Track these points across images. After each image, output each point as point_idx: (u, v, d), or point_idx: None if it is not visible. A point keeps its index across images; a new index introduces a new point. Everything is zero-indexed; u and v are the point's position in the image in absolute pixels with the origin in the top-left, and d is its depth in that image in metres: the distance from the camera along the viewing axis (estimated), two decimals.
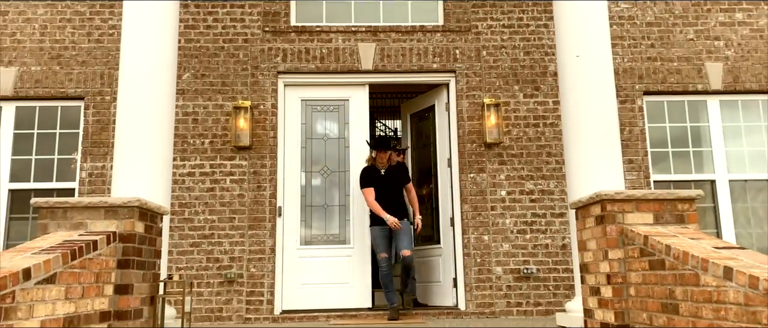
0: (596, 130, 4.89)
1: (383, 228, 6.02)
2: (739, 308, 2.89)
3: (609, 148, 4.85)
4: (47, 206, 3.88)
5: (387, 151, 6.17)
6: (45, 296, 3.11)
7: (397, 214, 6.02)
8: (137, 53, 5.01)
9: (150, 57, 5.02)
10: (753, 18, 6.98)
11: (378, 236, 6.05)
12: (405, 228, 6.01)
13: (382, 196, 6.05)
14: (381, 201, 6.02)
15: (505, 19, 6.89)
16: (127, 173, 4.81)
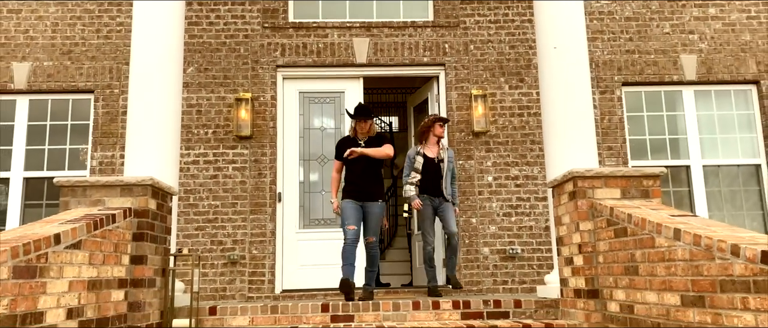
0: (572, 116, 5.26)
1: (354, 202, 5.49)
2: (685, 264, 3.27)
3: (583, 133, 5.22)
4: (69, 184, 4.24)
5: (368, 120, 5.63)
6: (72, 259, 3.48)
7: (371, 191, 5.52)
8: (147, 48, 5.37)
9: (158, 52, 5.37)
10: (725, 13, 7.37)
11: (348, 208, 5.47)
12: (376, 213, 5.52)
13: (357, 170, 5.54)
14: (355, 174, 5.54)
15: (491, 15, 7.27)
16: (137, 160, 5.17)
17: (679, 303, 3.34)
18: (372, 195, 5.51)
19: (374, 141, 5.64)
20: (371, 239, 5.53)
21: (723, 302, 3.01)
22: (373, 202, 5.52)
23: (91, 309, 3.66)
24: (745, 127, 7.24)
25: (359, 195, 5.48)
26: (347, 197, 5.55)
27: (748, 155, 7.17)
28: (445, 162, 5.89)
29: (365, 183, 5.51)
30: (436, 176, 5.86)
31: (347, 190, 5.58)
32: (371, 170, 5.56)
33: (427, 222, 5.85)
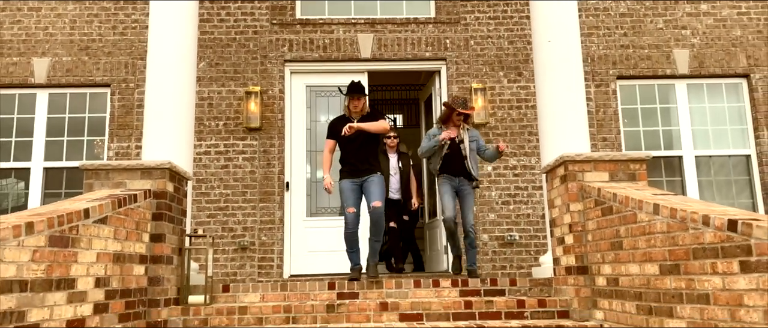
0: (565, 105, 5.53)
1: (352, 182, 5.40)
2: (663, 236, 3.55)
3: (576, 121, 5.49)
4: (93, 167, 4.55)
5: (362, 97, 5.50)
6: (99, 233, 3.78)
7: (369, 166, 5.41)
8: (163, 45, 5.67)
9: (174, 48, 5.67)
10: (716, 9, 7.62)
11: (346, 189, 5.39)
12: (376, 181, 5.35)
13: (352, 148, 5.43)
14: (350, 153, 5.44)
15: (490, 12, 7.55)
16: (154, 150, 5.47)
17: (657, 272, 3.61)
18: (370, 169, 5.38)
19: (368, 118, 5.48)
20: (377, 203, 5.24)
21: (695, 269, 3.29)
22: (371, 175, 5.36)
23: (116, 280, 3.96)
24: (736, 119, 7.48)
25: (357, 172, 5.36)
26: (345, 176, 5.42)
27: (739, 146, 7.42)
28: (465, 142, 5.75)
29: (362, 160, 5.37)
30: (456, 156, 5.72)
31: (344, 170, 5.45)
32: (368, 147, 5.43)
33: (447, 196, 5.70)
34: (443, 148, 5.71)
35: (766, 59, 7.47)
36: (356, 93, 5.48)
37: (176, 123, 5.55)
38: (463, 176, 5.77)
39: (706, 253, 3.21)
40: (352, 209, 5.33)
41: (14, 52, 7.31)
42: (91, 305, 3.67)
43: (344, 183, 5.42)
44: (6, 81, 7.23)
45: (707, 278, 3.20)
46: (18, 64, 7.28)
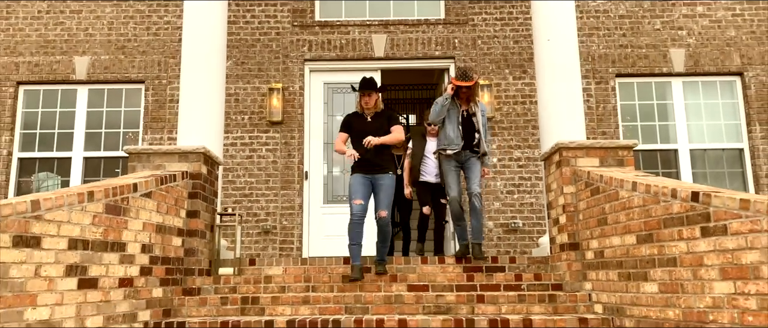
0: (563, 98, 5.97)
1: (363, 176, 5.24)
2: (640, 209, 3.99)
3: (573, 113, 5.92)
4: (136, 151, 5.09)
5: (373, 94, 5.37)
6: (145, 205, 4.30)
7: (382, 164, 5.27)
8: (196, 45, 6.20)
9: (205, 47, 6.20)
10: (712, 10, 8.00)
11: (356, 182, 5.23)
12: (387, 185, 5.23)
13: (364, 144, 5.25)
14: (366, 153, 5.25)
15: (497, 13, 8.00)
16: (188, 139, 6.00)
17: (635, 242, 4.05)
18: (382, 167, 5.25)
19: (380, 117, 5.40)
20: (383, 213, 5.15)
21: (665, 236, 3.73)
22: (384, 174, 5.24)
23: (158, 248, 4.48)
24: (730, 115, 7.85)
25: (369, 169, 5.23)
26: (356, 171, 5.28)
27: (733, 140, 7.79)
28: (477, 116, 5.58)
29: (375, 157, 5.23)
30: (467, 129, 5.54)
31: (356, 165, 5.28)
32: (380, 145, 5.27)
33: (451, 175, 5.55)
34: (455, 116, 5.51)
35: (759, 58, 7.83)
36: (368, 89, 5.36)
37: (208, 116, 6.08)
38: (469, 150, 5.58)
39: (674, 222, 3.65)
40: (359, 201, 5.13)
41: (57, 50, 7.90)
42: (138, 268, 4.19)
43: (356, 177, 5.25)
44: (50, 78, 7.83)
45: (675, 243, 3.64)
46: (61, 62, 7.87)
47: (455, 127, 5.54)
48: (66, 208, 3.48)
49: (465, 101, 5.60)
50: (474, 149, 5.59)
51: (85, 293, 3.63)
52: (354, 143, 5.39)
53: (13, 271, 3.13)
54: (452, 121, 5.57)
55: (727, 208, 3.29)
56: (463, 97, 5.56)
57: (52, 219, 3.37)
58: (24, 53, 7.90)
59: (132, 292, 4.10)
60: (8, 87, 7.76)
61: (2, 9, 8.00)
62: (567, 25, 6.16)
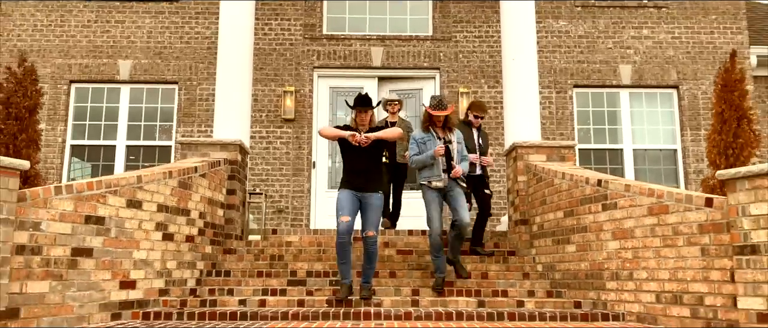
0: (523, 106, 7.32)
1: (352, 193, 5.04)
2: (566, 192, 5.40)
3: (530, 118, 7.27)
4: (187, 142, 6.43)
5: (369, 110, 5.16)
6: (201, 183, 5.66)
7: (372, 182, 5.07)
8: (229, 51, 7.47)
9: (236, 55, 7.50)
10: (655, 33, 9.42)
11: (343, 199, 5.01)
12: (375, 205, 5.04)
13: (359, 161, 5.07)
14: (357, 165, 5.08)
15: (476, 31, 9.38)
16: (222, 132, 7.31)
17: (562, 216, 5.46)
18: (372, 186, 5.07)
19: (375, 132, 5.14)
20: (371, 232, 4.97)
21: (581, 211, 5.14)
22: (373, 193, 5.05)
23: (209, 216, 5.85)
24: (667, 121, 9.29)
25: (358, 186, 5.04)
26: (344, 187, 5.08)
27: (668, 142, 9.22)
28: (454, 144, 5.45)
29: (366, 173, 5.06)
30: (447, 158, 5.38)
31: (345, 180, 5.11)
32: (373, 161, 5.12)
33: (433, 206, 5.32)
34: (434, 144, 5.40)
35: (692, 74, 9.27)
36: (363, 106, 5.13)
37: (238, 113, 7.36)
38: (453, 180, 5.40)
39: (587, 200, 5.07)
40: (346, 218, 4.90)
41: (104, 54, 9.20)
42: (197, 229, 5.56)
43: (344, 193, 5.05)
44: (97, 78, 9.13)
45: (586, 216, 5.06)
46: (107, 64, 9.18)
47: (437, 158, 5.35)
48: (156, 182, 4.84)
49: (442, 129, 5.50)
50: (456, 179, 5.40)
51: (166, 244, 4.99)
52: (346, 158, 5.17)
53: (126, 224, 4.49)
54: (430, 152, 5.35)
55: (617, 190, 4.71)
56: (439, 125, 5.47)
57: (148, 189, 4.74)
58: (76, 56, 9.19)
59: (193, 246, 5.47)
60: (63, 85, 9.06)
61: (57, 19, 9.29)
62: (528, 48, 7.52)
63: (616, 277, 4.69)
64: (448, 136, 5.50)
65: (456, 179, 5.40)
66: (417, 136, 5.54)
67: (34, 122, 5.33)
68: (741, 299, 3.66)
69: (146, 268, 4.71)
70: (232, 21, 7.49)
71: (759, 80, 9.68)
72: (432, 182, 5.38)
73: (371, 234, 4.98)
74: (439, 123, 5.50)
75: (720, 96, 5.63)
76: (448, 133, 5.52)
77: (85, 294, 4.11)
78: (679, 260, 4.13)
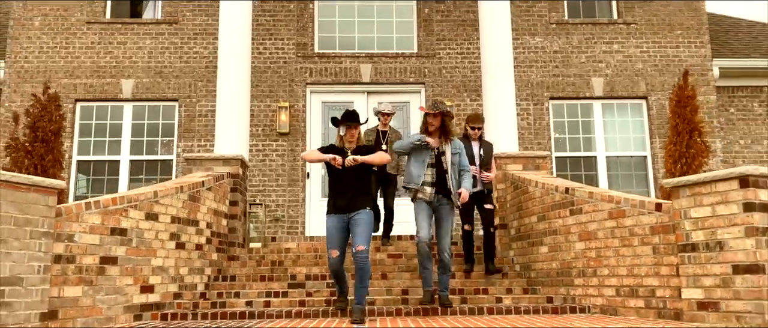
0: (502, 119, 7.89)
1: (339, 218, 4.87)
2: (539, 199, 5.97)
3: (508, 130, 7.84)
4: (193, 158, 6.93)
5: (358, 126, 5.00)
6: (208, 196, 6.16)
7: (361, 202, 4.86)
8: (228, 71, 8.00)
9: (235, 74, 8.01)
10: (625, 48, 10.05)
11: (332, 227, 4.87)
12: (364, 220, 4.82)
13: (345, 180, 4.88)
14: (343, 187, 4.89)
15: (458, 49, 9.96)
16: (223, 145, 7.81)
17: (536, 221, 6.03)
18: (361, 204, 4.87)
19: (362, 151, 5.00)
20: (360, 246, 4.72)
21: (552, 216, 5.70)
22: (361, 210, 4.84)
23: (215, 226, 6.34)
24: (638, 130, 9.91)
25: (344, 208, 4.87)
26: (332, 211, 4.90)
27: (639, 150, 9.84)
28: (446, 154, 5.20)
29: (354, 194, 4.87)
30: (437, 170, 5.16)
31: (333, 203, 4.92)
32: (361, 180, 4.92)
33: (422, 214, 5.11)
34: (424, 155, 5.16)
35: (659, 86, 9.90)
36: (352, 121, 4.96)
37: (238, 129, 7.87)
38: (442, 194, 5.18)
39: (557, 206, 5.63)
40: (335, 252, 4.83)
41: (108, 74, 9.67)
42: (205, 238, 6.05)
43: (331, 220, 4.89)
44: (101, 96, 9.59)
45: (556, 220, 5.62)
46: (110, 83, 9.64)
47: (420, 164, 5.18)
48: (169, 196, 5.34)
49: (439, 138, 5.26)
50: (447, 194, 5.19)
51: (179, 252, 5.49)
52: (331, 179, 5.00)
53: (145, 234, 4.99)
54: (418, 158, 5.20)
55: (582, 197, 5.28)
56: (430, 129, 5.23)
57: (163, 203, 5.24)
58: (80, 76, 9.65)
59: (201, 254, 5.96)
60: (68, 103, 9.51)
61: (62, 41, 9.74)
62: (506, 65, 8.11)
63: (583, 274, 5.25)
64: (441, 146, 5.24)
65: (448, 195, 5.18)
66: (413, 137, 5.26)
67: (58, 144, 5.80)
68: (684, 290, 4.23)
69: (162, 274, 5.20)
70: (230, 42, 8.00)
71: (722, 90, 10.34)
72: (418, 194, 5.16)
73: (361, 248, 4.72)
74: (432, 127, 5.23)
75: (674, 111, 6.24)
76: (444, 142, 5.25)
77: (111, 298, 4.60)
78: (635, 258, 4.70)
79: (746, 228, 3.79)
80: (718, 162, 9.66)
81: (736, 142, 10.30)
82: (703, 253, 4.09)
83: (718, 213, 3.98)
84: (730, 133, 10.30)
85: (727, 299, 3.91)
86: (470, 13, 9.96)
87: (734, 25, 12.14)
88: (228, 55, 8.01)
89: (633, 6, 10.22)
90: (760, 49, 10.80)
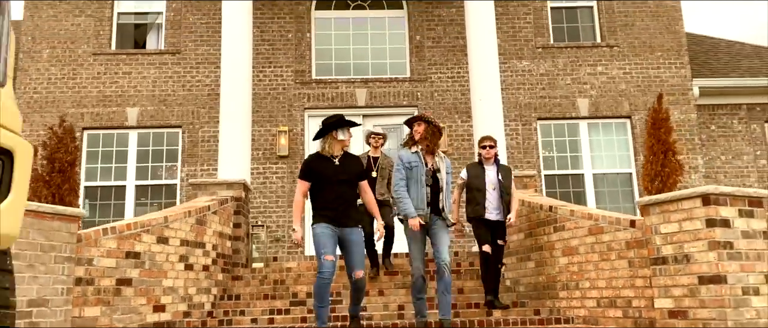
0: None
1: (331, 229, 4.63)
2: (526, 217, 6.31)
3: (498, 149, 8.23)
4: (198, 183, 7.27)
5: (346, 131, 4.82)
6: (214, 219, 6.50)
7: (350, 216, 4.68)
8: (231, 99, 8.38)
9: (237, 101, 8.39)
10: (609, 70, 10.48)
11: (322, 235, 4.59)
12: (357, 241, 4.65)
13: (333, 192, 4.66)
14: (330, 198, 4.66)
15: (449, 73, 10.37)
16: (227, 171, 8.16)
17: (523, 237, 6.37)
18: (351, 220, 4.67)
19: (349, 160, 4.84)
20: (359, 273, 4.60)
21: (538, 233, 6.05)
22: (353, 228, 4.66)
23: (220, 247, 6.67)
24: (623, 148, 10.30)
25: (336, 220, 4.63)
26: (322, 220, 4.64)
27: (624, 167, 10.22)
28: (442, 172, 5.06)
29: (343, 208, 4.64)
30: (433, 189, 5.00)
31: (323, 214, 4.68)
32: (349, 193, 4.73)
33: (417, 245, 4.91)
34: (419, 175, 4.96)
35: (642, 105, 10.31)
36: (346, 125, 4.82)
37: (240, 154, 8.25)
38: (435, 213, 5.02)
39: (542, 223, 5.98)
40: (330, 257, 4.50)
41: (113, 103, 10.04)
42: (211, 259, 6.38)
43: (321, 228, 4.61)
44: (107, 124, 9.95)
45: (542, 236, 5.97)
46: (116, 112, 10.01)
47: (419, 187, 4.96)
48: (179, 221, 5.68)
49: (429, 154, 5.10)
50: (441, 213, 5.05)
51: (188, 273, 5.81)
52: (316, 192, 4.77)
53: (157, 257, 5.32)
54: (416, 180, 4.97)
55: (565, 215, 5.63)
56: (418, 137, 5.05)
57: (173, 227, 5.58)
58: (87, 105, 10.02)
59: (208, 274, 6.29)
60: (76, 131, 9.84)
61: (70, 72, 10.13)
62: (494, 89, 8.52)
63: (566, 287, 5.59)
64: (435, 163, 5.08)
65: (440, 214, 5.04)
66: (404, 158, 5.03)
67: (74, 174, 6.15)
68: (657, 300, 4.57)
69: (173, 294, 5.52)
70: (232, 71, 8.41)
71: (703, 108, 10.75)
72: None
73: (361, 275, 4.60)
74: (418, 135, 5.06)
75: (650, 132, 6.63)
76: (434, 159, 5.09)
77: (127, 317, 4.92)
78: (613, 271, 5.05)
79: (709, 242, 4.15)
80: (700, 177, 10.05)
81: (718, 158, 10.69)
82: (673, 265, 4.44)
83: (685, 229, 4.34)
84: (712, 150, 10.70)
85: (694, 307, 4.25)
86: (459, 39, 10.38)
87: (714, 46, 12.60)
88: (230, 84, 8.41)
89: (615, 30, 10.67)
90: (739, 69, 11.25)
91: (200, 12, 10.44)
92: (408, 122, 5.21)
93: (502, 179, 5.87)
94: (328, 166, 4.73)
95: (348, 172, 4.75)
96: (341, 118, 4.82)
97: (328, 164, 4.75)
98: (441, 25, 10.55)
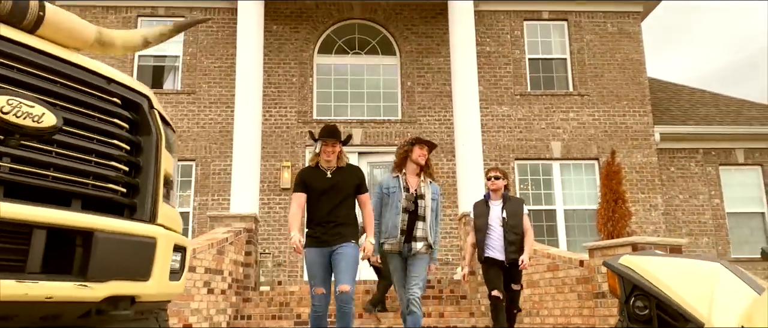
0: (471, 177, 9.32)
1: (320, 252, 4.36)
2: None
3: (477, 187, 9.27)
4: (215, 216, 8.23)
5: (337, 143, 4.43)
6: (230, 249, 7.45)
7: (344, 232, 4.33)
8: (243, 136, 9.38)
9: (248, 138, 9.39)
10: (579, 115, 11.59)
11: (313, 263, 4.36)
12: (349, 254, 4.26)
13: (325, 204, 4.38)
14: (324, 212, 4.38)
15: (436, 116, 11.43)
16: (238, 202, 9.13)
17: None
18: (342, 236, 4.32)
19: (344, 173, 4.49)
20: (345, 286, 4.14)
21: None
22: (345, 242, 4.30)
23: (235, 273, 7.61)
24: (591, 186, 11.36)
25: (324, 240, 4.36)
26: (312, 243, 4.39)
27: (592, 204, 11.27)
28: (426, 198, 4.66)
29: (332, 223, 4.35)
30: (411, 215, 4.61)
31: (312, 234, 4.43)
32: (343, 207, 4.39)
33: (397, 277, 4.64)
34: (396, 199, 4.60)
35: (608, 148, 11.39)
36: (331, 137, 4.39)
37: (250, 187, 9.24)
38: (408, 241, 4.60)
39: None
40: (321, 290, 4.27)
41: None
42: (227, 284, 7.32)
43: (311, 254, 4.38)
44: None
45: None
46: None
47: (394, 213, 4.59)
48: (204, 252, 6.64)
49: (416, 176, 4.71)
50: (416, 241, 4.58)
51: (209, 296, 6.76)
52: (311, 205, 4.49)
53: (186, 283, 6.27)
54: (393, 206, 4.63)
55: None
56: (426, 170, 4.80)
57: (199, 257, 6.53)
58: None
59: (225, 297, 7.22)
60: None
61: None
62: (474, 131, 9.59)
63: (530, 314, 6.58)
64: (419, 188, 4.69)
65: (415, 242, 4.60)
66: (384, 184, 4.80)
67: None
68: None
69: (198, 315, 6.46)
70: (244, 113, 9.42)
71: (663, 152, 11.87)
72: (385, 244, 4.64)
73: (346, 289, 4.10)
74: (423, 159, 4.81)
75: (604, 183, 7.68)
76: (420, 183, 4.72)
77: None
78: (566, 302, 6.05)
79: None
80: (660, 215, 11.13)
81: (677, 197, 11.78)
82: (609, 299, 5.45)
83: None
84: (671, 189, 11.79)
85: None
86: (446, 85, 11.47)
87: (677, 93, 13.78)
88: (243, 123, 9.42)
89: (586, 80, 11.80)
90: (696, 116, 12.40)
91: (213, 56, 11.46)
92: (411, 142, 4.86)
93: (506, 217, 5.29)
94: (318, 177, 4.43)
95: (341, 185, 4.39)
96: (323, 130, 4.47)
97: (319, 175, 4.45)
98: (430, 73, 11.64)
